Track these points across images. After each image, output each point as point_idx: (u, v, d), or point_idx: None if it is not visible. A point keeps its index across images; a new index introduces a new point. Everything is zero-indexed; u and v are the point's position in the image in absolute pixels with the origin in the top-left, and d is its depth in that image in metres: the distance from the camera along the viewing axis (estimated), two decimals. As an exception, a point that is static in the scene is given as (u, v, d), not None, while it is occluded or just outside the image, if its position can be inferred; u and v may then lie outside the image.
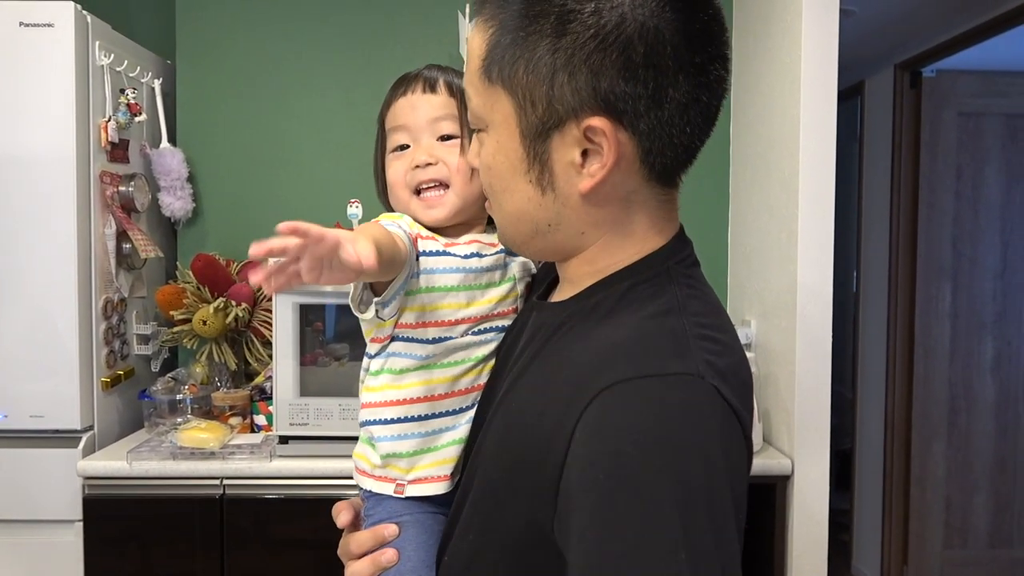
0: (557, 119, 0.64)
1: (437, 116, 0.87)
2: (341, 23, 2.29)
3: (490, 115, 0.68)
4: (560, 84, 0.63)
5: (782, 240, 1.91)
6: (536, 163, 0.67)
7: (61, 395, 1.82)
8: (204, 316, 2.00)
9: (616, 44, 0.61)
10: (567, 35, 0.62)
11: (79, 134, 1.82)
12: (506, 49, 0.64)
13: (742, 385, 0.67)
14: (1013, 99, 2.98)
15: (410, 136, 0.88)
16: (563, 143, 0.65)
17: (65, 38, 1.80)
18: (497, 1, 0.66)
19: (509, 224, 0.73)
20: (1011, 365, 3.05)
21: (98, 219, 1.90)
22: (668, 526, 0.55)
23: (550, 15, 0.62)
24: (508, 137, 0.67)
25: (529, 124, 0.66)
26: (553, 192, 0.68)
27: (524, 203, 0.69)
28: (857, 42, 2.83)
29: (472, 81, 0.69)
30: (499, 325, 0.87)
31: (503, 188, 0.70)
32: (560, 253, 0.74)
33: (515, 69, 0.64)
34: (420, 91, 0.89)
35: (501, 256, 0.88)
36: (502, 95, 0.66)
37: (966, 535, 3.06)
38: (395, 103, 0.90)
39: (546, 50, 0.62)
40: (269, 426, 1.92)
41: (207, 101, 2.28)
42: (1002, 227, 3.03)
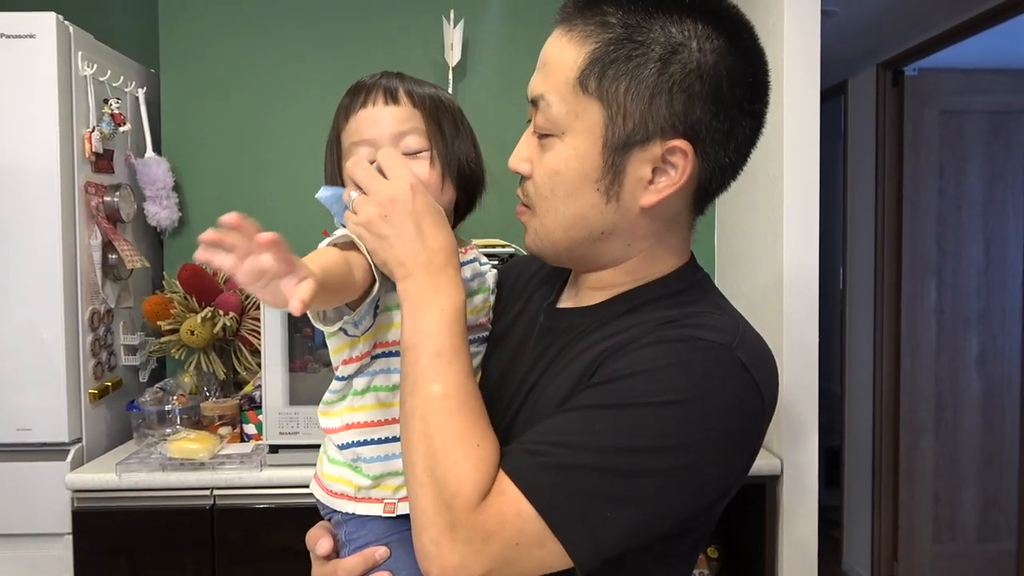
0: (644, 135, 0.70)
1: (402, 130, 0.84)
2: (325, 30, 2.28)
3: (572, 123, 0.72)
4: (658, 105, 0.69)
5: (768, 240, 1.93)
6: (610, 173, 0.72)
7: (48, 408, 1.81)
8: (192, 326, 1.99)
9: (711, 80, 0.69)
10: (675, 64, 0.68)
11: (63, 145, 1.81)
12: (608, 66, 0.69)
13: (773, 373, 0.73)
14: (994, 96, 3.00)
15: (374, 151, 0.83)
16: (641, 159, 0.71)
17: (47, 49, 1.79)
18: (597, 20, 0.70)
19: (560, 228, 0.75)
20: (996, 360, 3.08)
21: (83, 230, 1.89)
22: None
23: (658, 43, 0.69)
24: (589, 146, 0.71)
25: (615, 136, 0.71)
26: (617, 202, 0.73)
27: (587, 209, 0.73)
28: (839, 42, 2.85)
29: (558, 88, 0.72)
30: (482, 336, 0.88)
31: (567, 193, 0.73)
32: (598, 262, 0.78)
33: (617, 84, 0.69)
34: (381, 102, 0.84)
35: (475, 265, 0.90)
36: (594, 106, 0.71)
37: (955, 529, 3.09)
38: (354, 115, 0.85)
39: (652, 72, 0.69)
40: (259, 435, 1.92)
41: (192, 110, 2.27)
42: (985, 224, 3.06)
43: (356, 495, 0.84)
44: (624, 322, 0.74)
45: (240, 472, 1.75)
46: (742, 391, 0.68)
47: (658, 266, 0.78)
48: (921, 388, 3.05)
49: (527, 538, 0.65)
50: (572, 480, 0.65)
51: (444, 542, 0.65)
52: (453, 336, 0.72)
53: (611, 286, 0.79)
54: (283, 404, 1.76)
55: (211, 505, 1.74)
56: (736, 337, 0.69)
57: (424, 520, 0.67)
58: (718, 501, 0.72)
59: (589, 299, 0.80)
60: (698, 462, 0.66)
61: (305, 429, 1.76)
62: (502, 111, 2.28)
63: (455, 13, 2.20)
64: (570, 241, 0.76)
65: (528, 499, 0.65)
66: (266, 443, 1.79)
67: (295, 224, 1.76)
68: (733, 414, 0.67)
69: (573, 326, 0.78)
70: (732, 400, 0.67)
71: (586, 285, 0.81)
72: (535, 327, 0.84)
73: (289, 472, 1.75)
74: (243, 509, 1.75)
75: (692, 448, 0.65)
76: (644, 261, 0.77)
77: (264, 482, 1.75)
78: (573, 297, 0.83)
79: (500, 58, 2.29)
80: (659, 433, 0.65)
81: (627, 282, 0.78)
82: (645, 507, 0.65)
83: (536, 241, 0.79)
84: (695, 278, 0.79)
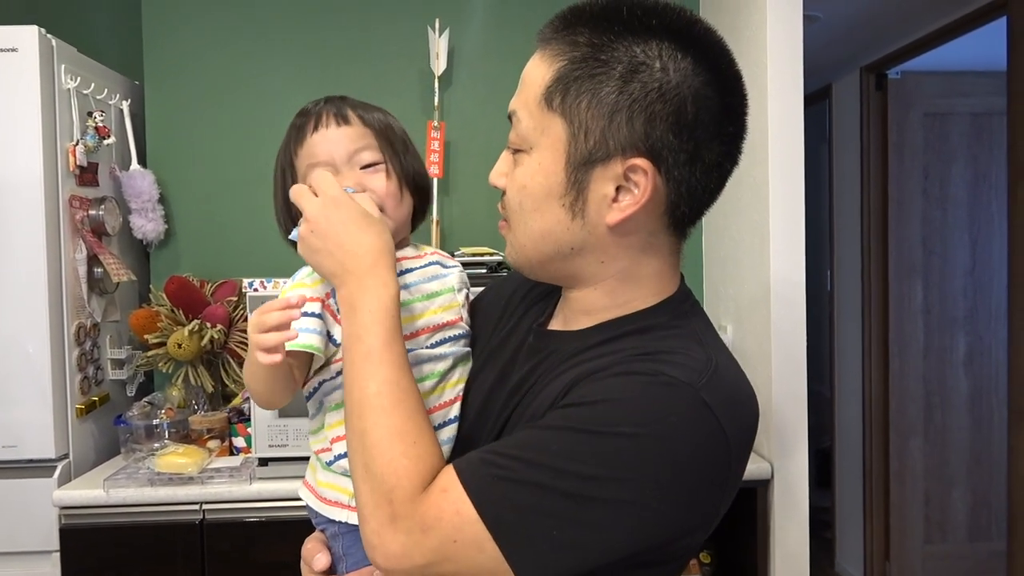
0: (605, 153, 0.71)
1: (356, 147, 0.89)
2: (311, 41, 2.28)
3: (539, 138, 0.74)
4: (618, 123, 0.70)
5: (755, 245, 1.93)
6: (573, 189, 0.73)
7: (35, 423, 1.80)
8: (179, 339, 1.98)
9: (673, 100, 0.69)
10: (635, 82, 0.69)
11: (46, 159, 1.80)
12: (572, 83, 0.71)
13: (745, 415, 0.73)
14: (977, 99, 3.03)
15: (331, 170, 0.87)
16: (603, 176, 0.72)
17: (30, 62, 1.78)
18: (567, 40, 0.72)
19: (530, 242, 0.77)
20: (983, 360, 3.10)
21: (68, 244, 1.88)
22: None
23: (621, 62, 0.69)
24: (552, 161, 0.73)
25: (578, 153, 0.72)
26: (582, 219, 0.74)
27: (553, 224, 0.75)
28: (822, 47, 2.87)
29: (528, 105, 0.74)
30: (451, 335, 0.89)
31: (534, 208, 0.75)
32: (575, 279, 0.79)
33: (579, 101, 0.71)
34: (334, 125, 0.89)
35: (435, 267, 0.92)
36: (558, 122, 0.72)
37: (945, 529, 3.11)
38: (307, 139, 0.90)
39: (612, 91, 0.70)
40: (248, 448, 1.91)
41: (177, 121, 2.26)
42: (970, 225, 3.09)
43: (350, 503, 0.84)
44: (604, 349, 0.75)
45: (230, 486, 1.73)
46: (702, 432, 0.67)
47: (641, 290, 0.78)
48: (910, 389, 3.06)
49: (465, 538, 0.66)
50: (520, 494, 0.66)
51: (386, 532, 0.68)
52: (383, 335, 0.75)
53: (596, 310, 0.79)
54: (272, 416, 1.75)
55: (201, 520, 1.73)
56: (705, 376, 0.69)
57: (366, 512, 0.70)
58: (680, 538, 0.70)
59: (577, 323, 0.80)
60: (646, 498, 0.65)
61: (295, 441, 1.75)
62: (488, 120, 2.28)
63: (440, 22, 2.20)
64: (541, 255, 0.77)
65: (472, 502, 0.66)
66: (255, 456, 1.78)
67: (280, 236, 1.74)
68: (690, 454, 0.66)
69: (558, 349, 0.79)
70: (689, 440, 0.66)
71: (575, 307, 0.81)
72: (523, 347, 0.84)
73: (279, 485, 1.74)
74: (233, 523, 1.74)
75: (640, 483, 0.65)
76: (623, 283, 0.77)
77: (254, 495, 1.73)
78: (562, 319, 0.84)
79: (486, 67, 2.29)
80: (609, 463, 0.65)
81: (611, 306, 0.78)
82: (591, 533, 0.65)
83: (512, 254, 0.81)
84: (681, 309, 0.79)
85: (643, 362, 0.70)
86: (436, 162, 2.20)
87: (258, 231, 2.23)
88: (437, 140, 2.21)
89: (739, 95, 0.74)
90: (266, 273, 2.00)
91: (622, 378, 0.69)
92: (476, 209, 2.27)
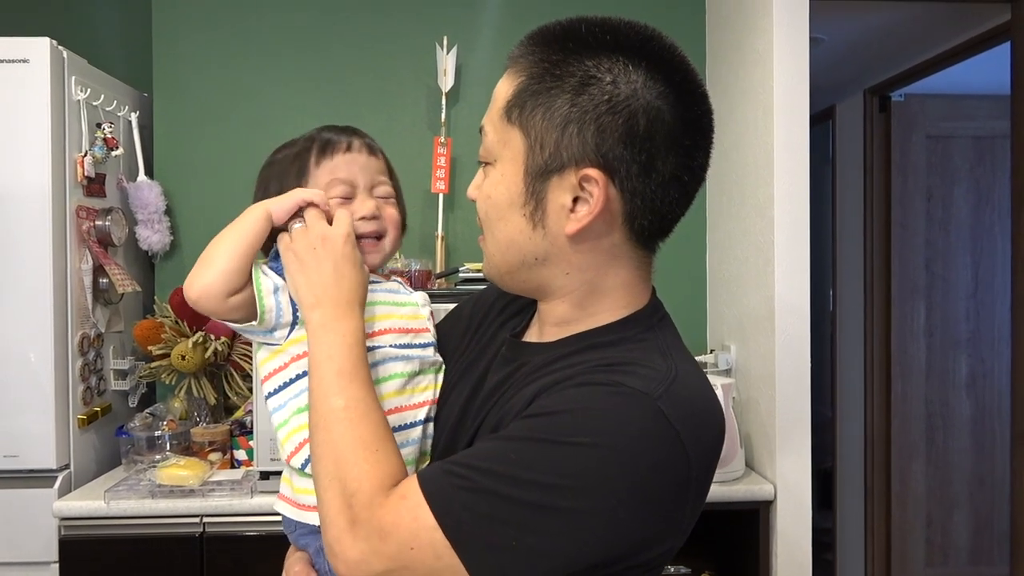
0: (560, 164, 0.73)
1: (378, 179, 0.96)
2: (319, 56, 2.30)
3: (501, 151, 0.77)
4: (570, 134, 0.72)
5: (759, 265, 1.94)
6: (532, 199, 0.75)
7: (36, 433, 1.79)
8: (182, 351, 1.98)
9: (623, 112, 0.71)
10: (585, 95, 0.71)
11: (55, 169, 1.81)
12: (529, 96, 0.74)
13: (706, 424, 0.73)
14: (979, 122, 3.05)
15: (351, 191, 0.93)
16: (560, 187, 0.74)
17: (40, 74, 1.79)
18: (530, 58, 0.75)
19: (498, 252, 0.80)
20: (986, 382, 3.09)
21: (74, 254, 1.88)
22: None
23: (574, 75, 0.72)
24: (513, 172, 0.76)
25: (535, 164, 0.74)
26: (543, 229, 0.76)
27: (516, 234, 0.77)
28: (827, 68, 2.89)
29: (492, 119, 0.78)
30: (419, 342, 0.91)
31: (498, 217, 0.78)
32: (543, 290, 0.81)
33: (534, 114, 0.74)
34: (366, 152, 0.95)
35: (397, 285, 0.96)
36: (517, 135, 0.75)
37: (947, 552, 3.09)
38: (336, 157, 0.94)
39: (564, 103, 0.72)
40: (250, 461, 1.90)
41: (184, 134, 2.27)
42: (972, 247, 3.09)
43: None
44: (570, 361, 0.76)
45: (231, 499, 1.73)
46: (660, 442, 0.67)
47: (608, 302, 0.79)
48: (912, 410, 3.06)
49: (421, 545, 0.67)
50: (480, 502, 0.66)
51: (346, 539, 0.69)
52: (353, 358, 0.78)
53: (566, 321, 0.81)
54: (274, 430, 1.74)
55: (201, 533, 1.72)
56: (664, 386, 0.70)
57: (328, 520, 0.71)
58: (646, 549, 0.70)
59: (548, 335, 0.82)
60: (605, 507, 0.66)
61: (297, 455, 1.74)
62: (495, 136, 2.30)
63: (448, 39, 2.22)
64: (508, 265, 0.80)
65: (431, 509, 0.67)
66: (257, 469, 1.77)
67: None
68: (647, 464, 0.67)
69: (528, 360, 0.81)
70: (646, 450, 0.67)
71: (546, 319, 0.83)
72: (498, 356, 0.86)
73: (280, 499, 1.73)
74: (234, 537, 1.73)
75: (598, 492, 0.66)
76: (590, 295, 0.79)
77: (255, 509, 1.73)
78: (536, 331, 0.86)
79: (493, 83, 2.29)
80: (566, 473, 0.66)
81: (580, 318, 0.80)
82: (551, 543, 0.66)
83: (486, 266, 0.84)
84: (650, 322, 0.80)
85: (604, 373, 0.72)
86: (442, 178, 2.21)
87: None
88: (444, 156, 2.22)
89: (697, 108, 0.75)
90: (271, 286, 1.99)
91: (582, 388, 0.71)
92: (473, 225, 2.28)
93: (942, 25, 2.53)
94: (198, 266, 0.86)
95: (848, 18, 2.52)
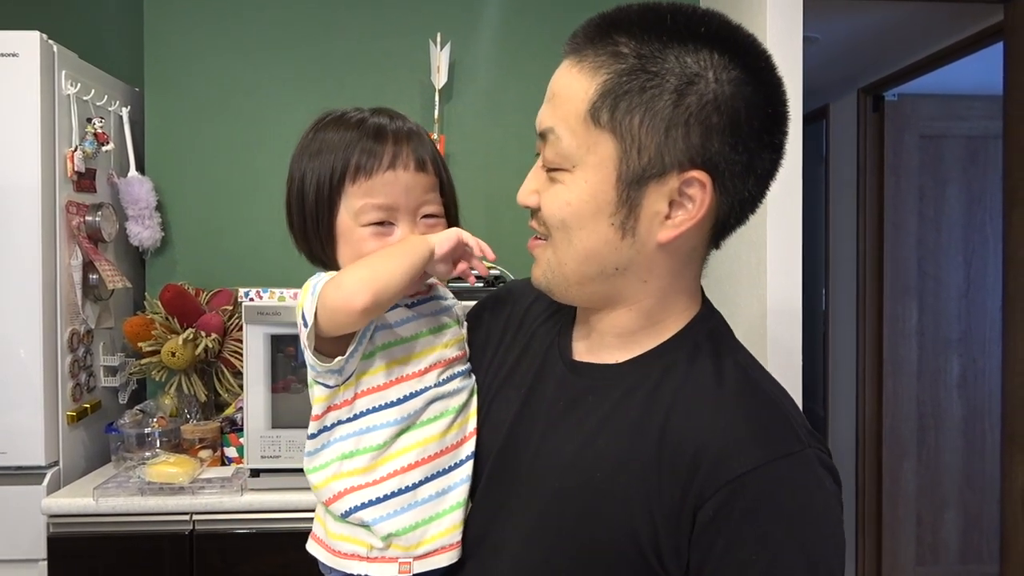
0: (661, 169, 0.68)
1: (426, 199, 0.83)
2: (312, 51, 2.28)
3: (584, 156, 0.70)
4: (674, 138, 0.67)
5: (752, 264, 1.94)
6: (624, 207, 0.70)
7: (25, 430, 1.78)
8: (173, 347, 1.96)
9: (728, 111, 0.67)
10: (692, 95, 0.66)
11: (44, 164, 1.80)
12: (621, 97, 0.67)
13: (803, 418, 0.72)
14: (972, 122, 3.06)
15: (393, 215, 0.81)
16: (657, 192, 0.69)
17: (30, 68, 1.77)
18: (608, 50, 0.68)
19: (573, 262, 0.73)
20: (977, 382, 3.11)
21: (64, 250, 1.87)
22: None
23: (673, 72, 0.67)
24: (601, 180, 0.70)
25: (630, 170, 0.69)
26: (632, 237, 0.71)
27: (600, 244, 0.71)
28: (821, 68, 2.90)
29: (568, 121, 0.70)
30: (459, 371, 0.86)
31: (579, 226, 0.71)
32: (611, 300, 0.75)
33: (631, 117, 0.67)
34: (413, 168, 0.82)
35: (439, 302, 0.89)
36: (607, 139, 0.69)
37: (938, 551, 3.10)
38: (376, 175, 0.81)
39: (667, 104, 0.67)
40: (240, 458, 1.89)
41: (176, 129, 2.26)
42: (964, 247, 3.10)
43: (369, 555, 0.79)
44: (664, 390, 0.71)
45: (220, 496, 1.72)
46: (835, 499, 0.71)
47: (673, 308, 0.76)
48: (903, 410, 3.07)
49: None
50: None
51: None
52: None
53: (628, 332, 0.76)
54: (265, 427, 1.74)
55: (190, 530, 1.71)
56: (801, 439, 0.68)
57: None
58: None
59: (609, 353, 0.77)
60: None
61: (287, 453, 1.73)
62: (488, 133, 2.29)
63: (442, 36, 2.21)
64: (582, 276, 0.74)
65: None
66: (247, 467, 1.76)
67: (280, 242, 1.74)
68: (835, 536, 0.70)
69: (603, 387, 0.75)
70: (833, 524, 0.70)
71: (603, 330, 0.77)
72: (548, 376, 0.80)
73: (271, 497, 1.72)
74: (223, 534, 1.72)
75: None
76: (660, 302, 0.75)
77: (245, 507, 1.72)
78: (588, 345, 0.80)
79: (487, 80, 2.30)
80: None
81: (645, 327, 0.75)
82: None
83: (547, 274, 0.76)
84: (713, 324, 0.77)
85: (750, 448, 0.66)
86: (435, 175, 2.20)
87: (255, 240, 2.23)
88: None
89: (784, 103, 0.71)
90: (263, 283, 1.99)
91: (758, 486, 0.65)
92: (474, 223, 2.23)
93: (935, 25, 2.54)
94: (366, 272, 0.76)
95: (842, 17, 2.52)
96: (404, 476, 0.78)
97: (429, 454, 0.79)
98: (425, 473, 0.79)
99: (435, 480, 0.79)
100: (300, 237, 0.87)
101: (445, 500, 0.79)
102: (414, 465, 0.79)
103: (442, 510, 0.79)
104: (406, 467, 0.79)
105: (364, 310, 0.74)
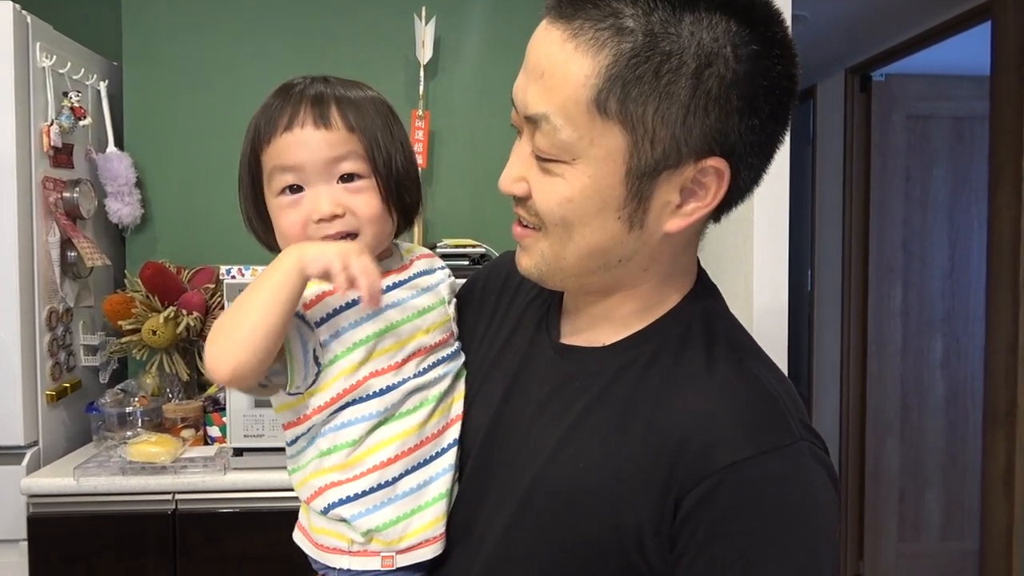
0: (676, 160, 0.63)
1: (336, 155, 0.76)
2: (294, 25, 2.24)
3: (587, 149, 0.63)
4: (690, 125, 0.61)
5: (738, 243, 1.93)
6: (634, 200, 0.64)
7: (3, 410, 1.75)
8: (154, 326, 1.94)
9: (748, 90, 0.61)
10: (711, 78, 0.60)
11: (19, 139, 1.76)
12: (633, 84, 0.60)
13: (801, 408, 0.69)
14: (959, 102, 3.06)
15: (301, 177, 0.76)
16: (669, 182, 0.64)
17: (3, 40, 1.73)
18: (609, 23, 0.60)
19: (573, 256, 0.68)
20: (960, 362, 3.13)
21: (41, 226, 1.83)
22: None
23: (689, 50, 0.59)
24: (607, 174, 0.63)
25: (641, 163, 0.63)
26: (640, 229, 0.66)
27: (604, 239, 0.66)
28: (809, 47, 2.88)
29: (567, 109, 0.62)
30: (442, 356, 0.82)
31: (582, 222, 0.66)
32: (611, 289, 0.72)
33: (644, 107, 0.61)
34: (310, 126, 0.75)
35: (424, 278, 0.83)
36: (615, 131, 0.62)
37: (919, 528, 3.14)
38: (277, 138, 0.76)
39: (686, 90, 0.60)
40: (223, 438, 1.88)
41: (155, 104, 2.21)
42: (950, 228, 3.11)
43: (351, 549, 0.77)
44: (651, 376, 0.69)
45: (203, 476, 1.71)
46: (831, 496, 0.65)
47: (668, 290, 0.73)
48: (887, 389, 3.09)
49: None
50: None
51: None
52: None
53: (622, 316, 0.72)
54: (248, 406, 1.72)
55: (173, 510, 1.70)
56: (793, 432, 0.64)
57: None
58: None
59: (599, 335, 0.73)
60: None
61: (270, 432, 1.72)
62: (473, 111, 2.26)
63: (427, 10, 2.18)
64: (581, 270, 0.69)
65: None
66: (230, 446, 1.75)
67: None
68: (825, 536, 0.64)
69: (589, 371, 0.72)
70: (830, 518, 0.65)
71: (595, 314, 0.74)
72: (536, 358, 0.77)
73: (254, 476, 1.71)
74: (206, 514, 1.71)
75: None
76: (659, 285, 0.72)
77: (228, 486, 1.71)
78: (577, 328, 0.76)
79: (472, 56, 2.27)
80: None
81: (638, 310, 0.72)
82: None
83: (540, 266, 0.70)
84: (707, 302, 0.74)
85: (737, 439, 0.63)
86: (420, 152, 2.18)
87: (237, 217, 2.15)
88: (421, 130, 2.18)
89: (794, 70, 0.64)
90: (245, 260, 1.96)
91: (747, 478, 0.62)
92: (460, 200, 2.25)
93: (923, 5, 2.53)
94: (220, 338, 0.70)
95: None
96: (384, 471, 0.76)
97: (409, 446, 0.77)
98: (405, 466, 0.76)
99: (415, 472, 0.77)
100: (246, 222, 0.85)
101: (427, 492, 0.77)
102: (394, 459, 0.76)
103: (424, 502, 0.77)
104: (385, 462, 0.76)
105: (232, 384, 0.71)
